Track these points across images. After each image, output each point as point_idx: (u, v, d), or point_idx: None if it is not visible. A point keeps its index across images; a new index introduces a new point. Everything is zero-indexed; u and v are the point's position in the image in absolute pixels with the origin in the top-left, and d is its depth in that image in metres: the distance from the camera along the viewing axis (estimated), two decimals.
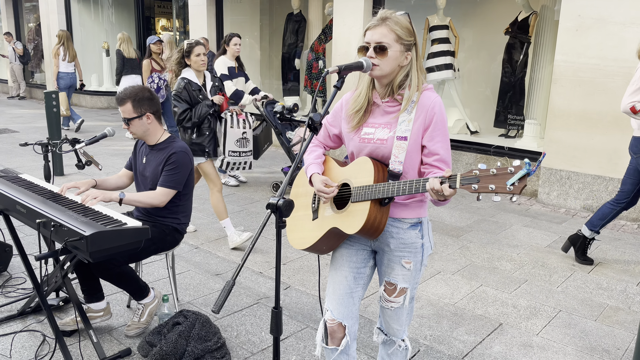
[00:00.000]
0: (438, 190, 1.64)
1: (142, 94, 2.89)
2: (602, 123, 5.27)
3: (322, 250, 2.07)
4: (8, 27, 15.77)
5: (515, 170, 1.53)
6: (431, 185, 1.66)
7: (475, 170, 1.60)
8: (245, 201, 5.68)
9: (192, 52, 4.07)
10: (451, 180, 1.63)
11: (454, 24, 7.53)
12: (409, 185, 1.74)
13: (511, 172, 1.53)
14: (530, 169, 1.50)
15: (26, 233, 4.44)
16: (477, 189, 1.59)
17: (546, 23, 6.73)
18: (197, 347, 2.61)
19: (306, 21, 9.52)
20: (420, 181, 1.72)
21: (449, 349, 2.93)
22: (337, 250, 2.08)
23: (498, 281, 3.80)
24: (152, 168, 2.95)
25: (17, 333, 2.93)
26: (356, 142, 1.97)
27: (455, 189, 1.63)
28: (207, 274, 3.81)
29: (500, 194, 1.56)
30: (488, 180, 1.57)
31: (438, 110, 1.86)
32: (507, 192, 1.54)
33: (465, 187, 1.61)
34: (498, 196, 1.57)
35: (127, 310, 3.24)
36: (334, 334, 2.04)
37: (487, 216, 5.33)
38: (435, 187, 1.65)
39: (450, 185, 1.63)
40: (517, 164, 1.53)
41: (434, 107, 1.85)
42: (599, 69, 5.22)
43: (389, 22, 1.84)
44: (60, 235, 2.34)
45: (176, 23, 10.61)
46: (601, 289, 3.71)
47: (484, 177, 1.58)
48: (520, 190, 1.52)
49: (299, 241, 2.08)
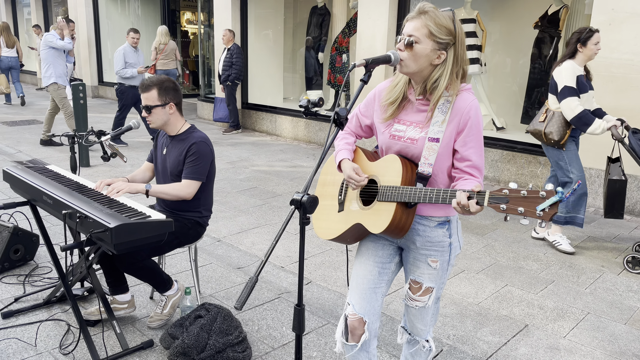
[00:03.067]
0: (465, 205, 1.59)
1: (168, 84, 2.90)
2: (635, 120, 5.10)
3: (347, 242, 2.05)
4: (37, 19, 16.06)
5: (547, 195, 1.47)
6: (458, 199, 1.60)
7: (506, 190, 1.55)
8: (267, 195, 5.69)
9: None
10: (479, 196, 1.58)
11: (481, 17, 7.39)
12: (436, 195, 1.70)
13: (542, 197, 1.47)
14: (563, 197, 1.44)
15: (52, 223, 4.52)
16: (505, 209, 1.54)
17: (577, 17, 6.55)
18: (218, 341, 2.61)
19: (330, 14, 9.45)
20: (448, 192, 1.68)
21: (472, 349, 2.88)
22: (363, 244, 2.05)
23: (524, 281, 3.72)
24: (172, 159, 2.95)
25: (43, 322, 2.98)
26: (386, 137, 1.92)
27: (482, 206, 1.58)
28: (228, 267, 3.82)
29: (528, 217, 1.51)
30: (518, 202, 1.52)
31: (474, 114, 1.79)
32: (536, 217, 1.48)
33: (492, 205, 1.56)
34: (526, 219, 1.52)
35: (149, 301, 3.27)
36: (355, 330, 1.99)
37: None
38: (462, 202, 1.59)
39: (478, 202, 1.58)
40: (550, 189, 1.47)
41: (469, 110, 1.79)
42: (632, 64, 5.05)
43: (424, 17, 1.75)
44: (86, 226, 2.36)
45: (201, 16, 10.66)
46: (631, 292, 3.60)
47: (513, 198, 1.53)
48: (550, 217, 1.46)
49: (324, 231, 2.06)
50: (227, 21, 9.63)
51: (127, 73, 7.75)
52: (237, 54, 9.06)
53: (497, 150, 6.47)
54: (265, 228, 4.66)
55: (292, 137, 8.92)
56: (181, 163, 2.91)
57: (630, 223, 5.06)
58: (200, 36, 10.73)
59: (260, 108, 9.61)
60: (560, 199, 1.44)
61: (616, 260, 4.14)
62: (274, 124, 9.23)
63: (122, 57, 7.76)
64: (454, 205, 1.62)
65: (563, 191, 1.45)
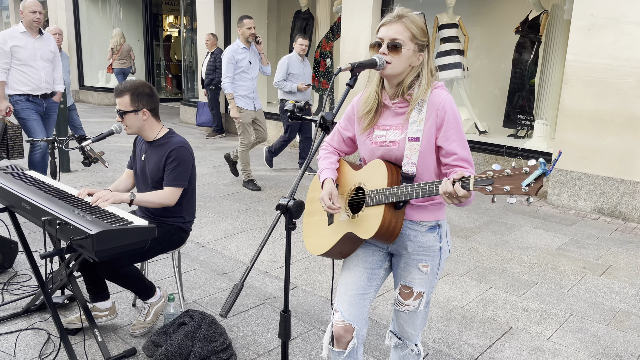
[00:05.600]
0: (451, 192, 1.58)
1: (142, 89, 2.84)
2: (614, 124, 5.19)
3: (339, 256, 2.02)
4: (16, 22, 15.82)
5: (531, 170, 1.47)
6: (444, 188, 1.59)
7: (489, 172, 1.54)
8: (252, 199, 5.65)
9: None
10: (464, 181, 1.57)
11: (463, 22, 7.47)
12: (422, 188, 1.69)
13: (526, 173, 1.47)
14: (546, 169, 1.44)
15: (32, 230, 4.43)
16: (491, 190, 1.53)
17: (557, 22, 6.65)
18: (202, 348, 2.58)
19: (314, 19, 9.46)
20: (434, 184, 1.66)
21: (458, 352, 2.88)
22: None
23: (508, 284, 3.75)
24: (152, 165, 2.89)
25: (22, 331, 2.91)
26: (368, 145, 1.93)
27: (469, 190, 1.57)
28: (213, 273, 3.78)
29: (515, 195, 1.50)
30: (502, 181, 1.51)
31: (449, 108, 1.80)
32: (522, 193, 1.48)
33: (479, 188, 1.55)
34: (513, 198, 1.51)
35: (132, 309, 3.21)
36: (342, 337, 1.97)
37: (496, 217, 5.27)
38: (447, 189, 1.58)
39: (463, 186, 1.57)
40: (533, 164, 1.47)
41: (444, 105, 1.80)
42: (611, 69, 5.14)
43: (405, 20, 1.79)
44: (66, 233, 2.31)
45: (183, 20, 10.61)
46: (613, 293, 3.65)
47: (498, 178, 1.52)
48: (536, 191, 1.46)
49: (316, 247, 2.03)
50: (210, 25, 9.58)
51: (286, 87, 6.49)
52: (220, 58, 9.02)
53: (479, 154, 6.53)
54: (250, 233, 4.63)
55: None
56: (161, 170, 2.86)
57: (611, 225, 5.13)
58: (183, 40, 10.66)
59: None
60: (543, 171, 1.44)
61: (597, 262, 4.19)
62: None
63: (286, 67, 6.45)
64: (441, 193, 1.60)
65: (546, 163, 1.45)
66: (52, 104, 5.37)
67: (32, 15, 4.98)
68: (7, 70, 4.98)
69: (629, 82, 5.04)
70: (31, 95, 5.14)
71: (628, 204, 5.22)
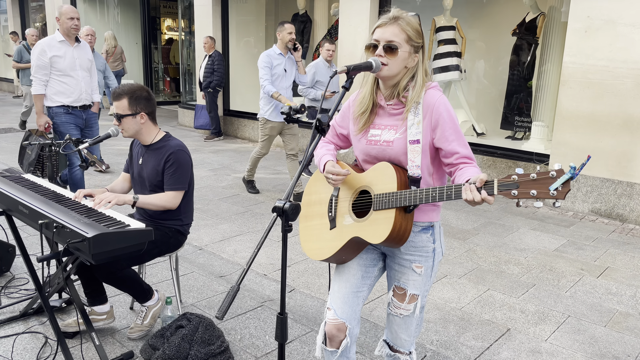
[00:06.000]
0: (478, 202, 1.56)
1: (140, 93, 2.84)
2: (611, 125, 5.21)
3: (342, 260, 1.99)
4: (14, 26, 15.82)
5: (558, 174, 1.46)
6: (471, 196, 1.56)
7: (514, 176, 1.53)
8: (250, 202, 5.65)
9: None
10: (487, 187, 1.56)
11: (460, 25, 7.48)
12: (439, 192, 1.67)
13: (553, 177, 1.46)
14: (574, 173, 1.43)
15: (29, 233, 4.42)
16: (517, 194, 1.51)
17: (554, 24, 6.66)
18: (200, 351, 2.57)
19: (312, 22, 9.48)
20: (452, 188, 1.64)
21: (455, 354, 2.88)
22: None
23: (505, 285, 3.75)
24: (149, 169, 2.89)
25: (19, 335, 2.90)
26: (363, 144, 1.93)
27: (493, 195, 1.56)
28: (210, 275, 3.78)
29: (542, 199, 1.49)
30: (528, 185, 1.50)
31: (444, 109, 1.81)
32: (550, 197, 1.46)
33: (503, 192, 1.53)
34: (540, 202, 1.49)
35: (129, 312, 3.21)
36: (334, 336, 1.96)
37: (493, 219, 5.28)
38: (475, 199, 1.56)
39: (488, 192, 1.55)
40: (559, 168, 1.47)
41: (439, 106, 1.80)
42: (608, 70, 5.16)
43: (400, 22, 1.80)
44: (63, 236, 2.31)
45: (181, 23, 10.62)
46: (610, 294, 3.66)
47: (523, 182, 1.51)
48: (564, 195, 1.45)
49: (317, 252, 2.00)
50: (208, 28, 9.59)
51: (311, 94, 6.29)
52: (218, 60, 9.03)
53: (477, 156, 6.53)
54: (248, 236, 4.63)
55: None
56: (160, 173, 2.86)
57: (609, 226, 5.14)
58: (181, 43, 10.67)
59: (242, 115, 9.58)
60: (572, 175, 1.43)
61: (595, 264, 4.19)
62: (255, 131, 9.19)
63: (312, 74, 6.26)
64: (466, 200, 1.58)
65: (575, 167, 1.43)
66: (91, 115, 5.07)
67: (70, 22, 4.70)
68: (46, 82, 4.71)
69: (626, 84, 5.06)
70: (71, 107, 4.84)
71: (625, 205, 5.23)
